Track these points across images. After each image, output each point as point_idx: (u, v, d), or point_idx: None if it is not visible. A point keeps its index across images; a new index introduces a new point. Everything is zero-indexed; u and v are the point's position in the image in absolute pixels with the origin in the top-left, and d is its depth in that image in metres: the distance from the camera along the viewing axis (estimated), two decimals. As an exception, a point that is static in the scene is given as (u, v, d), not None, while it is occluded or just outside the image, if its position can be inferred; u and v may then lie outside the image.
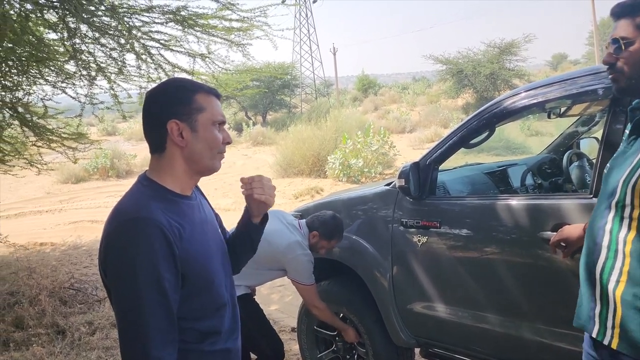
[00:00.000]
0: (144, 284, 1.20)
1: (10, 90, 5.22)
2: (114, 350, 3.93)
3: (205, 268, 1.35)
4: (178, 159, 1.35)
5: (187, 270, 1.28)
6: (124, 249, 1.22)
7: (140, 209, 1.25)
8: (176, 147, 1.34)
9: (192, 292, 1.30)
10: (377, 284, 2.79)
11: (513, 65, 25.88)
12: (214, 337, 1.37)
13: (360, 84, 44.15)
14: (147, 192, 1.32)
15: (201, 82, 1.45)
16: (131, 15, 4.80)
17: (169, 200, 1.32)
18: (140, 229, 1.22)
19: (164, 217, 1.25)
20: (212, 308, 1.37)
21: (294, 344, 3.89)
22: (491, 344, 2.42)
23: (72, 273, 6.01)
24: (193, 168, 1.37)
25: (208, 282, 1.35)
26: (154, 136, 1.36)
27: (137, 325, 1.20)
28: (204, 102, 1.36)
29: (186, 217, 1.33)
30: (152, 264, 1.20)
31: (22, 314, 4.49)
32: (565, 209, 2.10)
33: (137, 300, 1.20)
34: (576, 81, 2.27)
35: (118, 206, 1.31)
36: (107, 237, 1.26)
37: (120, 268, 1.22)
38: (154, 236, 1.22)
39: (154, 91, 1.38)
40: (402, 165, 2.64)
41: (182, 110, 1.33)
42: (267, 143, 20.71)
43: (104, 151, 15.67)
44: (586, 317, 1.48)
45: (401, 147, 14.23)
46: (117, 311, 1.24)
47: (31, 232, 9.37)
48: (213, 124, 1.36)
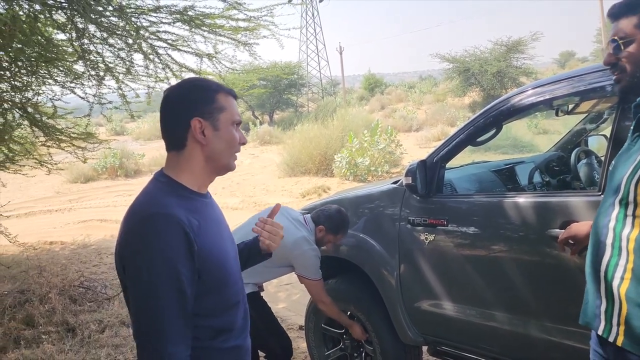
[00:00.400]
0: (162, 280, 1.21)
1: (20, 90, 5.26)
2: (124, 348, 3.96)
3: (221, 265, 1.36)
4: (198, 156, 1.37)
5: (203, 267, 1.29)
6: (144, 245, 1.23)
7: (159, 205, 1.27)
8: (197, 144, 1.36)
9: (207, 289, 1.32)
10: (384, 282, 2.79)
11: (520, 63, 25.75)
12: (226, 334, 1.38)
13: (367, 83, 44.12)
14: (164, 189, 1.34)
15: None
16: (139, 16, 4.82)
17: (186, 198, 1.34)
18: (159, 225, 1.23)
19: (182, 214, 1.27)
20: (226, 306, 1.39)
21: (302, 342, 3.90)
22: (499, 341, 2.42)
23: (81, 271, 6.06)
24: (211, 166, 1.40)
25: (223, 279, 1.37)
26: (175, 133, 1.37)
27: (153, 321, 1.22)
28: (225, 102, 1.39)
29: (203, 214, 1.35)
30: (171, 260, 1.22)
31: (33, 312, 4.54)
32: (574, 206, 2.10)
33: (154, 296, 1.22)
34: (584, 78, 2.26)
35: (136, 202, 1.33)
36: (126, 234, 1.28)
37: (140, 264, 1.23)
38: (173, 232, 1.23)
39: (177, 89, 1.41)
40: (409, 163, 2.65)
41: (206, 109, 1.36)
42: (274, 142, 20.73)
43: (113, 151, 15.76)
44: (592, 315, 1.49)
45: (408, 145, 14.21)
46: (134, 306, 1.26)
47: (41, 231, 9.45)
48: (232, 123, 1.40)
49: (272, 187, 11.74)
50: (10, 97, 5.30)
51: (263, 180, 12.93)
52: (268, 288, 5.43)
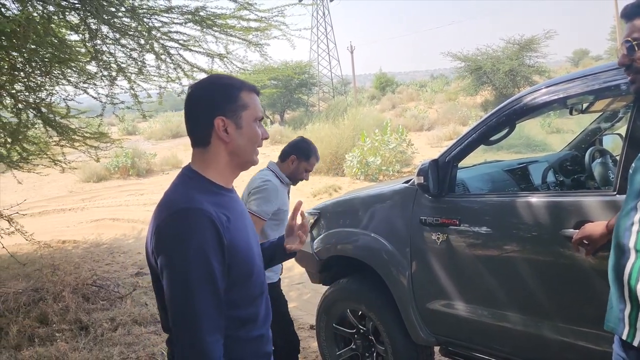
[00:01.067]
0: (196, 273, 1.25)
1: (34, 90, 5.31)
2: (136, 346, 3.99)
3: (247, 258, 1.40)
4: (222, 153, 1.41)
5: (232, 260, 1.33)
6: (177, 238, 1.26)
7: (190, 200, 1.31)
8: (221, 141, 1.40)
9: (234, 281, 1.35)
10: (396, 282, 2.78)
11: (533, 62, 25.51)
12: (251, 324, 1.43)
13: (378, 82, 43.98)
14: (193, 184, 1.38)
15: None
16: (151, 16, 4.85)
17: (214, 193, 1.39)
18: (191, 219, 1.27)
19: (212, 209, 1.31)
20: (251, 297, 1.43)
21: (313, 341, 3.90)
22: (511, 342, 2.40)
23: (94, 270, 6.12)
24: (235, 162, 1.44)
25: (249, 271, 1.41)
26: (199, 130, 1.41)
27: (189, 313, 1.26)
28: (248, 99, 1.43)
29: (230, 209, 1.39)
30: (203, 253, 1.26)
31: (47, 310, 4.59)
32: (588, 206, 2.08)
33: (189, 289, 1.25)
34: (599, 76, 2.23)
35: (167, 198, 1.37)
36: (159, 228, 1.30)
37: (173, 257, 1.27)
38: (204, 226, 1.27)
39: (201, 87, 1.44)
40: (420, 162, 2.63)
41: (229, 108, 1.40)
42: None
43: (125, 150, 15.88)
44: (616, 320, 1.46)
45: (419, 145, 14.15)
46: (169, 299, 1.29)
47: (55, 230, 9.56)
48: (254, 120, 1.44)
49: (283, 187, 11.73)
50: (25, 97, 5.36)
51: (274, 180, 12.93)
52: (279, 287, 5.44)
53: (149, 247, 1.36)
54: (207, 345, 1.25)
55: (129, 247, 7.85)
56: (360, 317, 3.09)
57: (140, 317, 4.56)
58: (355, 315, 3.11)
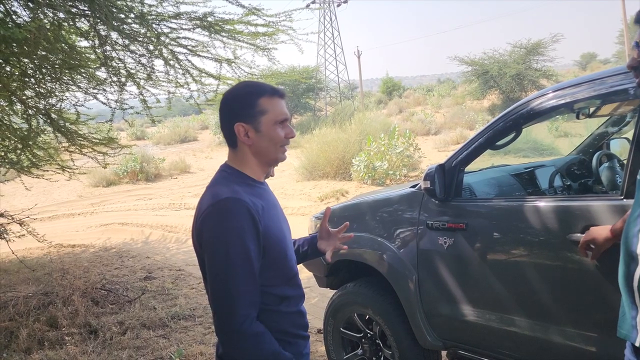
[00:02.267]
0: (234, 253, 1.42)
1: (44, 97, 5.37)
2: (144, 350, 4.01)
3: (281, 242, 1.57)
4: (248, 153, 1.59)
5: (267, 243, 1.50)
6: (219, 224, 1.44)
7: (230, 191, 1.48)
8: (244, 144, 1.57)
9: (270, 262, 1.53)
10: (403, 286, 2.79)
11: (540, 66, 25.43)
12: (289, 300, 1.61)
13: (385, 86, 44.03)
14: (231, 178, 1.56)
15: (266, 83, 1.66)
16: (159, 22, 4.89)
17: (250, 185, 1.57)
18: (231, 208, 1.44)
19: (248, 199, 1.48)
20: (286, 276, 1.61)
21: (320, 345, 3.91)
22: (519, 347, 2.39)
23: (103, 274, 6.16)
24: (261, 160, 1.61)
25: (282, 254, 1.58)
26: (226, 134, 1.60)
27: (227, 288, 1.42)
28: (267, 104, 1.56)
29: (264, 199, 1.57)
30: (241, 236, 1.43)
31: (56, 313, 4.63)
32: (596, 210, 2.07)
33: (228, 267, 1.42)
34: (606, 81, 2.23)
35: (210, 190, 1.54)
36: (204, 214, 1.47)
37: (215, 239, 1.44)
38: (242, 214, 1.44)
39: (226, 95, 1.60)
40: (427, 167, 2.64)
41: (247, 114, 1.55)
42: (293, 146, 20.72)
43: (133, 155, 15.98)
44: (629, 327, 1.45)
45: (426, 149, 14.14)
46: (211, 276, 1.45)
47: (64, 234, 9.63)
48: (275, 123, 1.57)
49: (290, 191, 11.78)
50: (35, 103, 5.42)
51: (281, 184, 12.98)
52: (286, 292, 5.45)
53: (194, 234, 1.52)
54: (239, 318, 1.41)
55: (137, 252, 7.89)
56: (368, 321, 3.10)
57: (149, 321, 4.58)
58: (363, 320, 3.11)
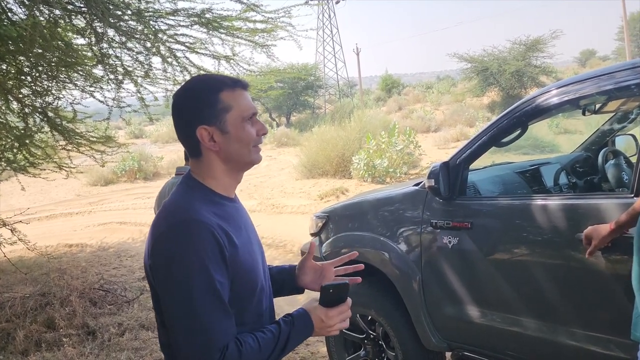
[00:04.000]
0: (197, 287, 1.17)
1: (40, 95, 5.32)
2: (143, 351, 3.96)
3: (251, 272, 1.31)
4: (216, 162, 1.31)
5: (235, 274, 1.24)
6: (177, 251, 1.18)
7: (191, 211, 1.22)
8: (211, 151, 1.30)
9: (238, 296, 1.26)
10: (406, 286, 2.74)
11: (540, 62, 25.40)
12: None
13: (384, 83, 43.93)
14: (194, 194, 1.29)
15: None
16: (157, 19, 4.84)
17: (215, 203, 1.29)
18: (192, 231, 1.19)
19: (213, 221, 1.22)
20: (257, 313, 1.34)
21: (322, 346, 3.86)
22: (526, 348, 2.35)
23: (101, 274, 6.11)
24: (233, 166, 1.33)
25: (252, 286, 1.31)
26: (187, 144, 1.32)
27: (195, 326, 1.17)
28: (230, 99, 1.29)
29: (233, 221, 1.30)
30: (205, 266, 1.18)
31: (54, 314, 4.58)
32: (605, 209, 2.03)
33: (191, 303, 1.17)
34: (612, 76, 2.19)
35: (166, 208, 1.28)
36: (158, 239, 1.23)
37: (173, 271, 1.18)
38: (205, 239, 1.19)
39: (179, 95, 1.33)
40: (430, 165, 2.59)
41: (209, 114, 1.28)
42: (291, 144, 20.78)
43: (131, 154, 15.93)
44: None
45: (426, 146, 14.09)
46: (170, 313, 1.21)
47: (62, 233, 9.57)
48: (243, 120, 1.30)
49: (289, 189, 11.73)
50: (31, 101, 5.36)
51: (280, 182, 12.93)
52: (287, 291, 5.41)
53: (146, 261, 1.27)
54: (216, 354, 1.17)
55: (136, 251, 7.84)
56: (370, 322, 3.05)
57: (148, 321, 4.53)
58: (365, 320, 3.06)
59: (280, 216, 9.25)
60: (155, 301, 1.29)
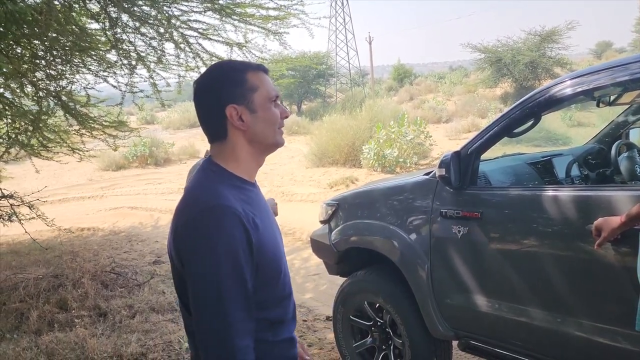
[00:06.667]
0: (226, 274, 1.17)
1: (54, 79, 5.36)
2: (153, 333, 4.02)
3: (275, 257, 1.31)
4: (241, 142, 1.31)
5: (260, 260, 1.24)
6: (206, 238, 1.18)
7: (217, 197, 1.22)
8: (238, 131, 1.30)
9: (263, 281, 1.27)
10: (414, 275, 2.75)
11: (555, 54, 25.04)
12: (279, 326, 1.35)
13: (396, 73, 43.63)
14: (218, 179, 1.28)
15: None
16: (170, 5, 4.84)
17: (240, 188, 1.29)
18: (220, 217, 1.18)
19: (239, 206, 1.22)
20: (280, 297, 1.34)
21: (329, 332, 3.90)
22: (533, 338, 2.35)
23: (112, 257, 6.19)
24: (258, 148, 1.34)
25: (277, 271, 1.32)
26: (213, 125, 1.32)
27: (220, 315, 1.17)
28: (256, 80, 1.32)
29: (256, 205, 1.30)
30: (233, 253, 1.18)
31: (66, 296, 4.66)
32: (617, 201, 2.02)
33: (219, 291, 1.17)
34: (628, 67, 2.16)
35: (191, 193, 1.28)
36: (185, 226, 1.22)
37: (201, 258, 1.18)
38: (234, 225, 1.18)
39: (205, 78, 1.34)
40: (442, 154, 2.59)
41: (238, 93, 1.29)
42: (302, 132, 20.74)
43: (143, 139, 16.02)
44: None
45: (437, 137, 14.02)
46: (196, 300, 1.20)
47: (74, 217, 9.69)
48: (269, 100, 1.32)
49: (299, 177, 11.75)
50: (45, 85, 5.40)
51: (291, 170, 12.95)
52: (295, 278, 5.45)
53: (171, 247, 1.27)
54: (238, 351, 1.17)
55: (147, 235, 7.92)
56: (378, 309, 3.07)
57: (158, 304, 4.60)
58: (373, 308, 3.08)
59: (290, 204, 9.29)
60: (179, 287, 1.29)
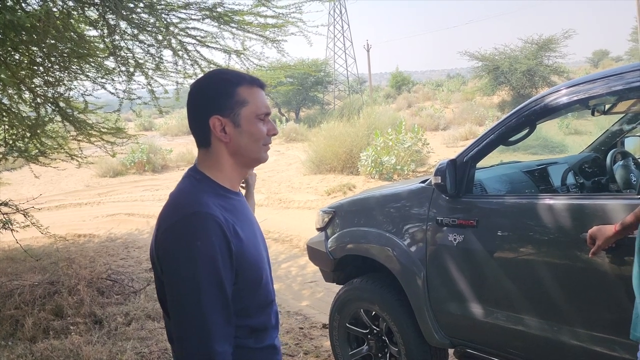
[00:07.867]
0: (204, 279, 1.19)
1: (52, 85, 5.36)
2: (149, 341, 4.01)
3: (256, 265, 1.32)
4: (224, 154, 1.33)
5: (240, 267, 1.26)
6: (185, 244, 1.20)
7: (198, 204, 1.24)
8: (221, 142, 1.32)
9: (244, 289, 1.28)
10: (410, 283, 2.75)
11: (551, 62, 25.20)
12: (261, 333, 1.36)
13: (394, 80, 43.82)
14: (201, 187, 1.30)
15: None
16: (169, 12, 4.86)
17: (222, 196, 1.31)
18: (200, 224, 1.21)
19: (220, 213, 1.24)
20: (262, 304, 1.36)
21: (325, 340, 3.89)
22: (529, 347, 2.35)
23: (109, 264, 6.17)
24: (241, 161, 1.36)
25: (258, 279, 1.33)
26: (197, 131, 1.34)
27: (198, 321, 1.19)
28: (247, 95, 1.32)
29: (238, 213, 1.32)
30: (212, 259, 1.20)
31: (62, 303, 4.64)
32: (611, 209, 2.03)
33: (198, 296, 1.19)
34: (623, 77, 2.18)
35: (173, 200, 1.30)
36: (165, 232, 1.24)
37: (181, 263, 1.20)
38: (213, 232, 1.20)
39: (198, 84, 1.36)
40: (438, 162, 2.60)
41: (224, 105, 1.30)
42: (300, 139, 20.77)
43: (141, 146, 16.01)
44: None
45: (435, 144, 14.06)
46: (174, 307, 1.22)
47: (71, 223, 9.66)
48: (257, 117, 1.33)
49: (297, 184, 11.75)
50: (43, 91, 5.41)
51: (288, 177, 12.95)
52: (292, 286, 5.44)
53: (153, 252, 1.29)
54: (216, 355, 1.19)
55: (143, 242, 7.90)
56: (374, 317, 3.06)
57: (154, 312, 4.58)
58: (369, 316, 3.08)
59: (287, 211, 9.28)
60: (160, 292, 1.31)
